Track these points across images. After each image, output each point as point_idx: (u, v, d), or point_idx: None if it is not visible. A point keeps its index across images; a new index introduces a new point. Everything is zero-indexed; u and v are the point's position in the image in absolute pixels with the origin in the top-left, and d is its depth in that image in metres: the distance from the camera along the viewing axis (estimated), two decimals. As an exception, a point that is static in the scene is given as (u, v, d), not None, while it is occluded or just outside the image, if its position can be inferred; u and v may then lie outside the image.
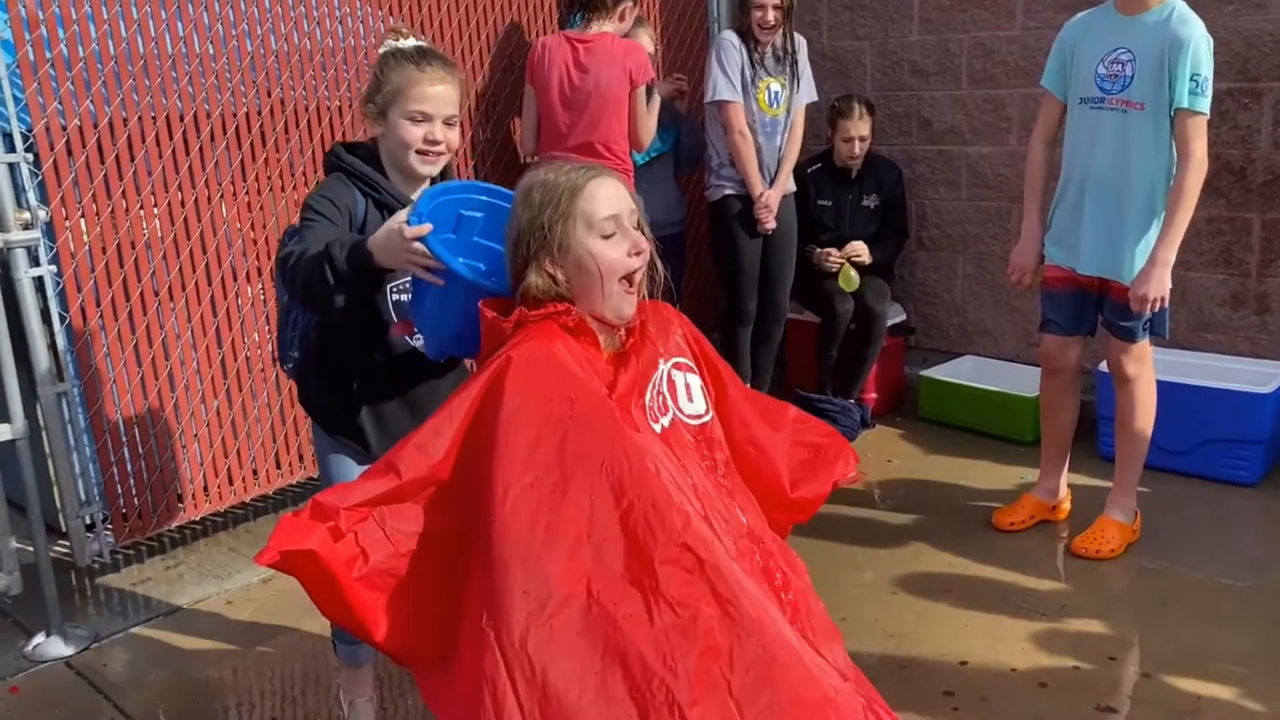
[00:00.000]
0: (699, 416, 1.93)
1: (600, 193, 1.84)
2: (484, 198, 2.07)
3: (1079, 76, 3.12)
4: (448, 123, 2.16)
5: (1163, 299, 3.01)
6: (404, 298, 2.18)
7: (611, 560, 1.68)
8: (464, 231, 2.05)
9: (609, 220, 1.83)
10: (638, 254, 1.85)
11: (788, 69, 4.18)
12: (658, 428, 1.84)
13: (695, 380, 1.96)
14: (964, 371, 4.61)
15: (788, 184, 4.26)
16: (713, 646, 1.64)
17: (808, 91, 4.30)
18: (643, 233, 1.89)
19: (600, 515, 1.69)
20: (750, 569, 1.81)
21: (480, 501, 1.70)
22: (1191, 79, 2.91)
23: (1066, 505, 3.57)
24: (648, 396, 1.85)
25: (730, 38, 4.10)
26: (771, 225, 4.16)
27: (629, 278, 1.86)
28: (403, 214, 1.90)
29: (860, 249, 4.44)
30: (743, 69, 4.09)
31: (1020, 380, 4.34)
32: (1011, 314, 4.69)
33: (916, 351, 4.95)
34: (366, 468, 2.29)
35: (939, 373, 4.59)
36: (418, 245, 1.85)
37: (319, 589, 1.69)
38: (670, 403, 1.88)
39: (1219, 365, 3.98)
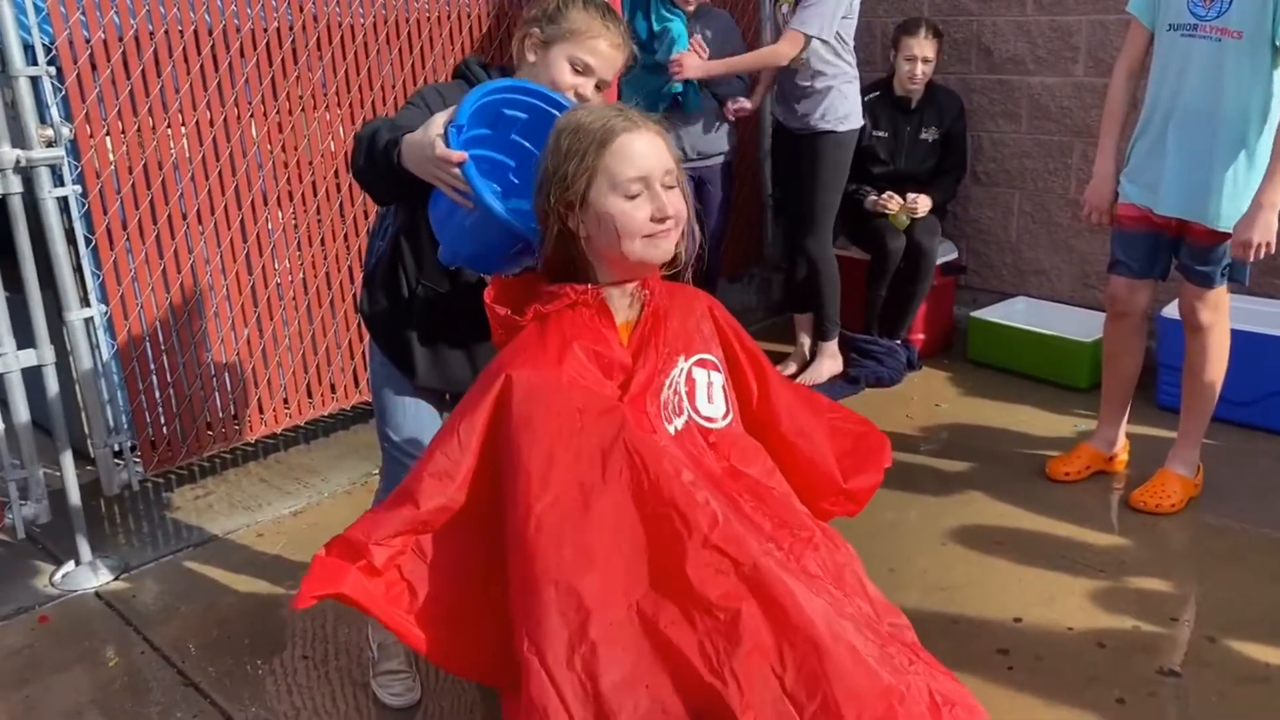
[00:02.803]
0: (714, 420, 1.83)
1: (631, 148, 1.68)
2: (531, 99, 1.95)
3: (1170, 1, 2.89)
4: (599, 86, 2.11)
5: (1269, 244, 2.80)
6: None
7: (643, 570, 1.63)
8: (502, 128, 1.94)
9: (636, 181, 1.68)
10: (661, 220, 1.70)
11: None
12: (671, 429, 1.75)
13: (719, 379, 1.85)
14: (1016, 313, 4.42)
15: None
16: (760, 645, 1.58)
17: (802, 17, 3.83)
18: (681, 191, 1.74)
19: (625, 525, 1.64)
20: (789, 565, 1.73)
21: (505, 525, 1.65)
22: None
23: (1124, 456, 3.42)
24: (663, 396, 1.76)
25: None
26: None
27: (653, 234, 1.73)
28: (440, 120, 1.79)
29: (922, 207, 4.22)
30: None
31: (1076, 324, 4.17)
32: (1069, 254, 4.50)
33: (966, 291, 4.78)
34: (419, 399, 2.23)
35: (990, 314, 4.41)
36: (453, 170, 1.76)
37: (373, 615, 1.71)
38: (686, 403, 1.79)
39: (1289, 312, 3.79)
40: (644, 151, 1.69)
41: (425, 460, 1.71)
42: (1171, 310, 3.53)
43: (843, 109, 4.01)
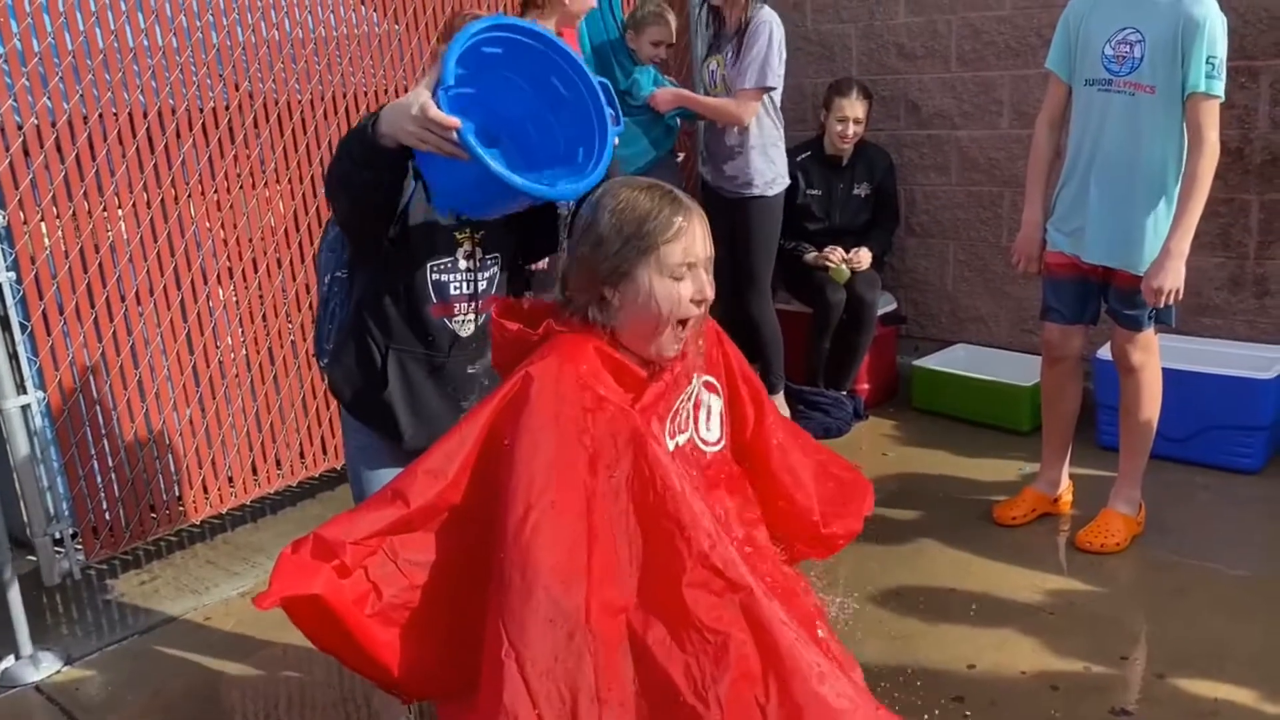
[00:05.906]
0: (711, 444, 1.85)
1: (687, 235, 1.72)
2: (504, 34, 1.90)
3: (1085, 57, 3.01)
4: None
5: (1178, 291, 2.90)
6: (443, 277, 2.09)
7: (639, 584, 1.62)
8: (482, 69, 1.86)
9: (684, 266, 1.72)
10: (700, 301, 1.75)
11: (734, 47, 4.00)
12: (671, 445, 1.75)
13: (718, 405, 1.87)
14: (957, 360, 4.51)
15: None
16: (747, 673, 1.58)
17: (751, 74, 3.92)
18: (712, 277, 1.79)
19: (625, 537, 1.62)
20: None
21: (499, 524, 1.61)
22: (1207, 61, 2.78)
23: (1068, 497, 3.48)
24: (674, 409, 1.76)
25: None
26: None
27: (684, 322, 1.75)
28: (425, 88, 1.75)
29: (864, 260, 4.32)
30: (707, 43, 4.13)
31: (1015, 368, 4.25)
32: (1005, 300, 4.60)
33: (908, 340, 4.86)
34: (398, 470, 2.20)
35: (932, 362, 4.49)
36: (448, 134, 1.72)
37: (317, 627, 1.61)
38: (691, 423, 1.80)
39: (1217, 350, 3.90)
40: (696, 239, 1.73)
41: (423, 457, 1.68)
42: (1106, 352, 3.61)
43: (770, 173, 4.10)
